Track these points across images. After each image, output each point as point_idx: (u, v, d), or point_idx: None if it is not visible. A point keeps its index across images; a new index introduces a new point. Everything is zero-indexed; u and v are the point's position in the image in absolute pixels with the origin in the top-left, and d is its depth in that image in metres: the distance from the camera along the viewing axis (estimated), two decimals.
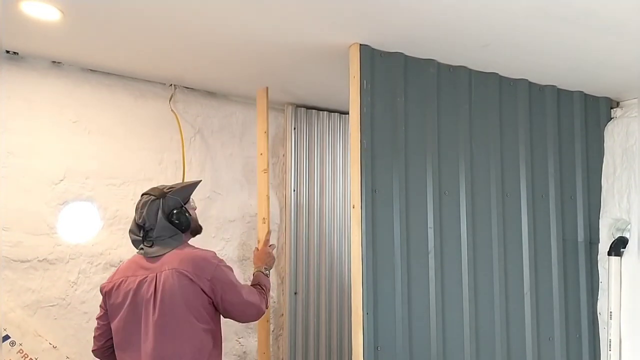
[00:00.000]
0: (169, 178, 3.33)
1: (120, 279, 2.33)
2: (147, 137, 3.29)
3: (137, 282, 2.26)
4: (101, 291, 2.38)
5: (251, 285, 2.53)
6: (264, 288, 2.55)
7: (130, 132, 3.24)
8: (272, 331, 3.72)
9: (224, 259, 2.35)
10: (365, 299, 2.44)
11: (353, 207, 2.51)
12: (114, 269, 3.08)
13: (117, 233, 3.15)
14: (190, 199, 2.48)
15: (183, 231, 2.37)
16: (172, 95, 3.35)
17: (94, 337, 2.42)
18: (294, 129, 3.76)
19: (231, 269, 2.34)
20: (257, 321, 2.69)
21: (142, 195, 2.40)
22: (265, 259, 2.81)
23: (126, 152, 3.21)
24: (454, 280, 2.72)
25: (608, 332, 3.11)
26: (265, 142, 3.17)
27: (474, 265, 2.77)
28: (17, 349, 2.80)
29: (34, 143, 2.93)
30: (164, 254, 2.29)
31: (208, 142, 3.53)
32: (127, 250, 3.14)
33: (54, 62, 2.99)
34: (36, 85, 2.95)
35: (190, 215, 2.41)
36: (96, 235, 3.09)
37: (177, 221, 2.33)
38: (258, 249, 2.96)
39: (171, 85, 3.36)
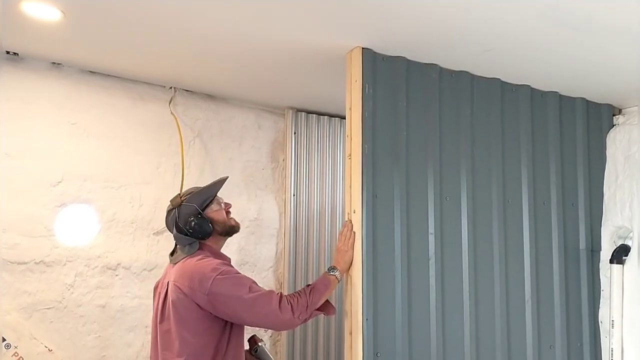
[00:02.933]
0: (167, 182, 3.30)
1: (159, 281, 2.40)
2: (146, 140, 3.27)
3: (164, 287, 2.29)
4: None
5: (305, 286, 2.34)
6: (311, 290, 2.28)
7: (129, 134, 3.21)
8: (270, 337, 3.69)
9: (231, 267, 2.26)
10: (365, 305, 2.41)
11: (354, 212, 2.49)
12: (111, 272, 3.08)
13: (114, 236, 3.12)
14: (216, 199, 2.38)
15: (201, 238, 2.30)
16: (171, 98, 3.33)
17: None
18: (294, 133, 3.75)
19: (237, 274, 2.20)
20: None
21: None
22: (337, 256, 2.49)
23: (124, 155, 3.19)
24: (454, 286, 2.69)
25: (610, 341, 3.08)
26: (350, 121, 2.56)
27: (474, 272, 2.75)
28: (13, 352, 2.77)
29: (32, 145, 2.91)
30: (179, 261, 2.29)
31: (207, 146, 3.51)
32: (125, 254, 3.14)
33: (53, 63, 2.98)
34: (35, 86, 2.93)
35: (209, 220, 2.30)
36: (93, 238, 3.07)
37: (190, 230, 2.26)
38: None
39: (171, 87, 3.34)
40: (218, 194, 2.42)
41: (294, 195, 3.73)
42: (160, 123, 3.31)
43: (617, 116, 3.31)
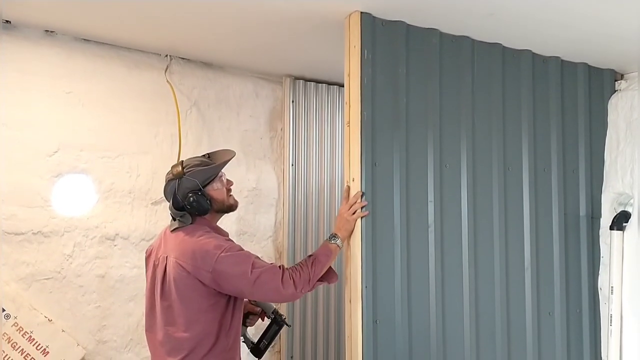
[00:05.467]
0: (165, 152, 3.28)
1: (152, 249, 2.39)
2: (143, 110, 3.23)
3: (159, 259, 2.28)
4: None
5: (305, 257, 2.35)
6: (312, 262, 2.28)
7: (125, 104, 3.17)
8: None
9: (231, 240, 2.26)
10: (365, 273, 2.41)
11: (352, 181, 2.46)
12: (109, 242, 3.07)
13: (112, 206, 3.11)
14: (219, 177, 2.32)
15: (197, 215, 2.27)
16: (167, 67, 3.28)
17: None
18: (292, 102, 3.71)
19: (240, 250, 2.19)
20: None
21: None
22: (338, 223, 2.46)
23: (121, 125, 3.15)
24: (454, 254, 2.69)
25: (609, 308, 3.09)
26: (349, 87, 2.51)
27: (474, 240, 2.74)
28: (12, 322, 2.78)
29: (27, 114, 2.87)
30: (176, 230, 2.27)
31: (204, 116, 3.48)
32: (123, 224, 3.13)
33: (47, 31, 2.92)
34: (29, 55, 2.88)
35: (207, 198, 2.25)
36: (91, 208, 3.05)
37: (188, 206, 2.22)
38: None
39: (167, 56, 3.28)
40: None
41: (292, 164, 3.71)
42: (156, 92, 3.26)
43: (619, 81, 3.26)
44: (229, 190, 2.40)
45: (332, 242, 2.39)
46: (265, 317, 2.61)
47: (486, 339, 2.77)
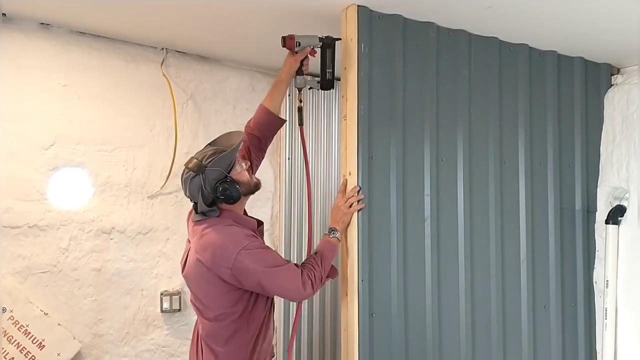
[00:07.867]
0: (161, 145, 3.27)
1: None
2: (139, 103, 3.22)
3: (188, 251, 2.30)
4: None
5: (311, 255, 2.34)
6: (321, 259, 2.28)
7: (122, 97, 3.16)
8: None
9: (253, 237, 2.21)
10: (361, 266, 2.41)
11: (349, 174, 2.46)
12: (106, 236, 3.07)
13: (109, 200, 3.10)
14: (237, 160, 2.24)
15: (232, 203, 2.20)
16: (163, 60, 3.27)
17: None
18: (288, 95, 3.69)
19: (260, 248, 2.15)
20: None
21: (184, 167, 2.24)
22: (335, 215, 2.45)
23: (117, 118, 3.14)
24: (450, 248, 2.69)
25: (604, 301, 3.11)
26: (346, 81, 2.53)
27: (470, 233, 2.75)
28: (8, 315, 2.77)
29: (23, 107, 2.86)
30: (199, 223, 2.23)
31: (201, 109, 3.47)
32: (119, 217, 3.12)
33: (42, 23, 2.90)
34: (24, 48, 2.86)
35: (237, 183, 2.19)
36: (87, 201, 3.04)
37: (221, 196, 2.16)
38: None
39: (163, 49, 3.27)
40: None
41: (288, 158, 3.70)
42: (153, 85, 3.25)
43: (615, 76, 3.27)
44: (249, 170, 2.33)
45: (332, 236, 2.39)
46: (314, 51, 2.52)
47: (482, 332, 2.78)
